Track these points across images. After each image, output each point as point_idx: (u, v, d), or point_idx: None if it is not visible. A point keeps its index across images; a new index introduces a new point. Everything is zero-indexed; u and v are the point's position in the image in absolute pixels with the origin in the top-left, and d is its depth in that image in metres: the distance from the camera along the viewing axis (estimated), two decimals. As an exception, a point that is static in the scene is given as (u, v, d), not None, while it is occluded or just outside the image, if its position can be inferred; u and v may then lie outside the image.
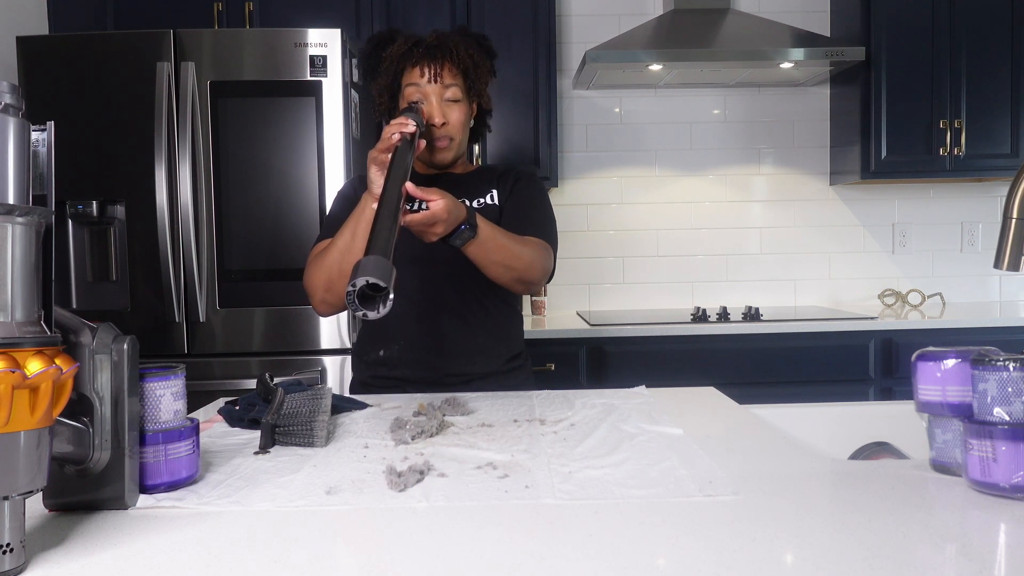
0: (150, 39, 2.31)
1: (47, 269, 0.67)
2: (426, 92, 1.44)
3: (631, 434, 1.04)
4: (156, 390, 0.81)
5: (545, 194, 1.58)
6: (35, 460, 0.62)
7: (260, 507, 0.77)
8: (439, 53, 1.44)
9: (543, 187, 1.60)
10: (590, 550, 0.65)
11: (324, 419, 1.02)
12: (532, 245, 1.46)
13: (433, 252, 1.45)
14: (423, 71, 1.43)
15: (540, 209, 1.55)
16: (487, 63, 1.51)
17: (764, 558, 0.62)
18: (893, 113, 2.84)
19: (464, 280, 1.46)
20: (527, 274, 1.40)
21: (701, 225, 3.19)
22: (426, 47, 1.45)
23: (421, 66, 1.43)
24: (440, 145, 1.46)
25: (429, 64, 1.43)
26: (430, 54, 1.44)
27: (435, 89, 1.44)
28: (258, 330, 2.34)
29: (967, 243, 3.21)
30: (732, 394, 1.33)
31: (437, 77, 1.43)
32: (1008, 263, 0.97)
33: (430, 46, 1.45)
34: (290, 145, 2.32)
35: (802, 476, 0.85)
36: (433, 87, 1.43)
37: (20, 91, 0.66)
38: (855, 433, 1.18)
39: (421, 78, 1.43)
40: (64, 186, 2.23)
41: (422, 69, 1.43)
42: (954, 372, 0.82)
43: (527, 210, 1.50)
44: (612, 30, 3.08)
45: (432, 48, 1.44)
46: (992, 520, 0.70)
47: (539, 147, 2.82)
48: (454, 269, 1.45)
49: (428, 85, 1.43)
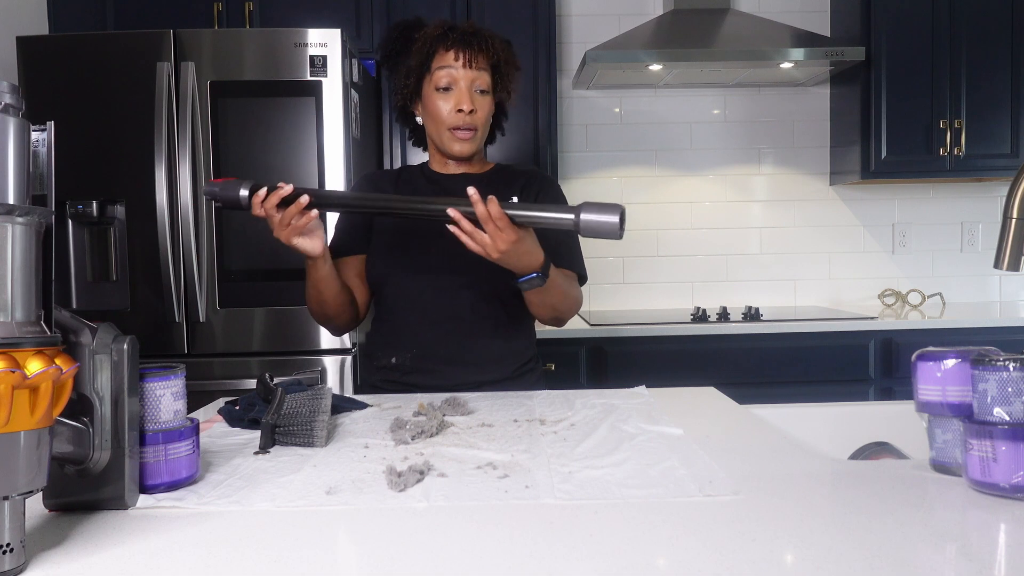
0: (150, 39, 2.31)
1: (47, 269, 0.67)
2: (456, 77, 1.41)
3: (631, 434, 1.04)
4: (156, 390, 0.81)
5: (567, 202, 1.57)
6: (35, 460, 0.62)
7: (260, 507, 0.77)
8: (475, 40, 1.41)
9: (562, 192, 1.58)
10: (590, 550, 0.65)
11: (324, 419, 1.02)
12: (573, 283, 1.47)
13: (447, 262, 1.43)
14: (458, 55, 1.40)
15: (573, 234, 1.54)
16: (514, 61, 1.48)
17: (764, 558, 0.62)
18: (893, 113, 2.84)
19: (479, 290, 1.44)
20: (566, 314, 1.44)
21: (701, 225, 3.19)
22: (461, 32, 1.42)
23: (456, 50, 1.41)
24: (463, 136, 1.43)
25: (464, 49, 1.41)
26: (465, 39, 1.41)
27: (466, 75, 1.41)
28: (258, 330, 2.34)
29: (967, 243, 3.21)
30: (732, 394, 1.33)
31: (471, 62, 1.40)
32: (1008, 263, 0.97)
33: (465, 32, 1.42)
34: (290, 145, 2.32)
35: (802, 476, 0.85)
36: (465, 72, 1.41)
37: (20, 91, 0.66)
38: (855, 433, 1.18)
39: (456, 61, 1.40)
40: (64, 186, 2.23)
41: (456, 53, 1.41)
42: (954, 372, 0.82)
43: (563, 236, 1.47)
44: (612, 30, 3.08)
45: (468, 34, 1.42)
46: (992, 520, 0.70)
47: (539, 147, 2.82)
48: (469, 279, 1.43)
49: (460, 70, 1.41)
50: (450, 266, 1.43)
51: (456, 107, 1.41)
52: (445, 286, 1.44)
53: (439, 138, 1.46)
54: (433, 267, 1.44)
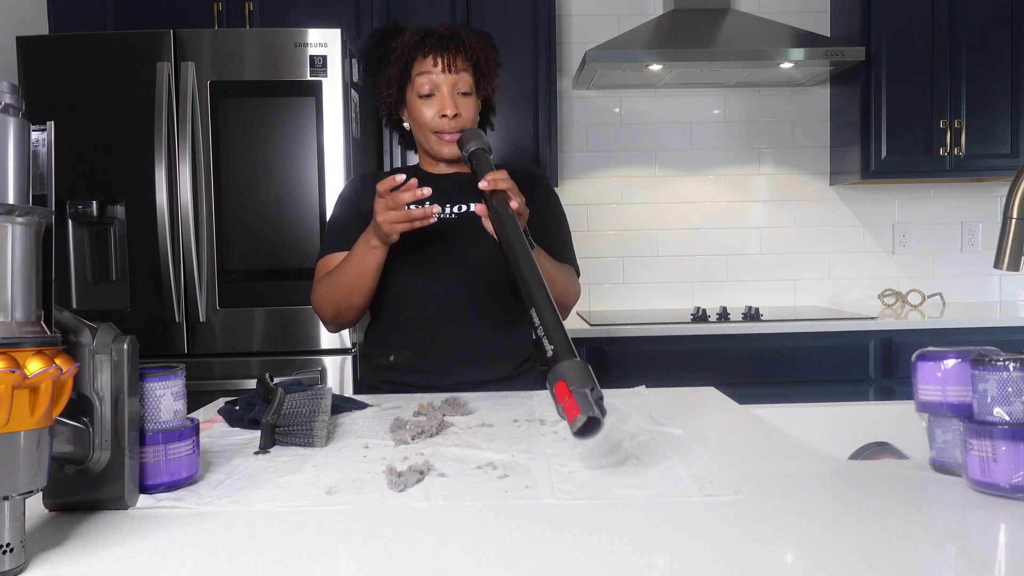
0: (150, 39, 2.31)
1: (47, 269, 0.67)
2: (437, 82, 1.42)
3: (631, 434, 1.04)
4: (156, 390, 0.81)
5: (562, 206, 1.58)
6: (35, 460, 0.62)
7: (260, 507, 0.77)
8: (451, 43, 1.42)
9: (558, 196, 1.59)
10: (590, 550, 0.65)
11: (324, 419, 1.02)
12: (571, 275, 1.48)
13: (445, 257, 1.44)
14: (436, 60, 1.41)
15: (567, 229, 1.56)
16: (495, 56, 1.49)
17: (764, 558, 0.62)
18: (893, 113, 2.84)
19: (477, 286, 1.45)
20: (566, 307, 1.45)
21: (701, 225, 3.19)
22: (438, 36, 1.43)
23: (434, 55, 1.41)
24: (449, 139, 1.44)
25: (442, 54, 1.41)
26: (443, 44, 1.42)
27: (447, 79, 1.42)
28: (258, 330, 2.34)
29: (967, 243, 3.21)
30: (732, 394, 1.33)
31: (450, 67, 1.41)
32: (1008, 263, 0.97)
33: (442, 36, 1.43)
34: (290, 145, 2.32)
35: (802, 476, 0.85)
36: (445, 77, 1.42)
37: (20, 91, 0.66)
38: (855, 433, 1.18)
39: (435, 67, 1.41)
40: (64, 186, 2.22)
41: (435, 58, 1.41)
42: (954, 372, 0.81)
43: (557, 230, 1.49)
44: (612, 30, 3.08)
45: (445, 38, 1.43)
46: (992, 520, 0.70)
47: (539, 147, 2.82)
48: (467, 275, 1.44)
49: (440, 75, 1.41)
50: (448, 264, 1.44)
51: (439, 112, 1.43)
52: (443, 284, 1.45)
53: (426, 143, 1.48)
54: (432, 265, 1.45)
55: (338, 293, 1.42)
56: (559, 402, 0.82)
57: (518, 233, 1.10)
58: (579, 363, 0.84)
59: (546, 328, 0.91)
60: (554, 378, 0.84)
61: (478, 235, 1.39)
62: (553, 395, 0.83)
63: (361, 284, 1.40)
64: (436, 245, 1.44)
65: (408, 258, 1.45)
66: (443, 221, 1.46)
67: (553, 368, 0.85)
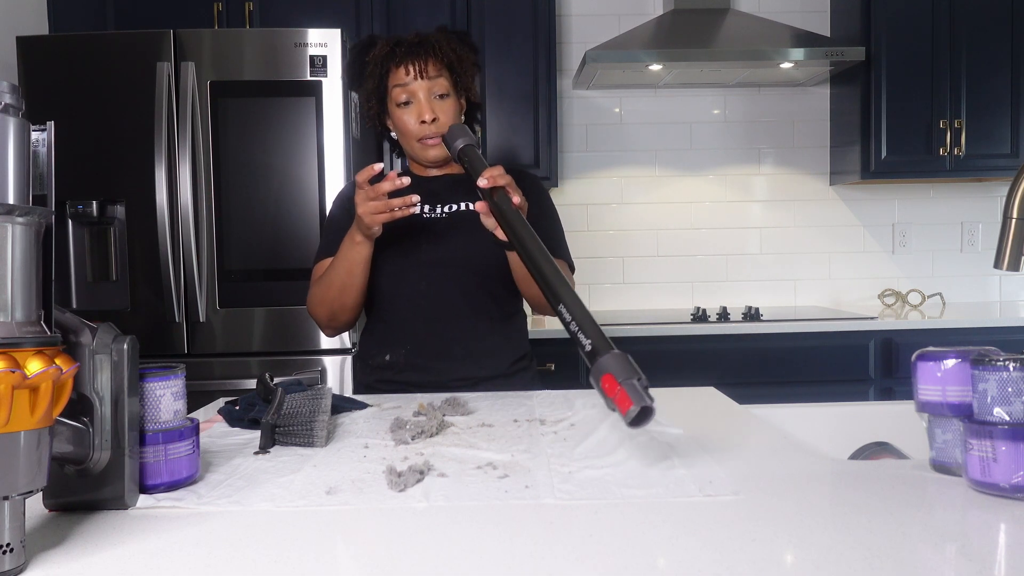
0: (150, 39, 2.31)
1: (47, 269, 0.66)
2: (413, 90, 1.43)
3: (631, 434, 1.04)
4: (156, 390, 0.81)
5: (554, 204, 1.59)
6: (35, 460, 0.62)
7: (260, 507, 0.77)
8: (421, 50, 1.43)
9: (549, 193, 1.60)
10: (590, 550, 0.65)
11: (324, 419, 1.02)
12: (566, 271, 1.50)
13: (438, 256, 1.45)
14: (408, 69, 1.43)
15: (560, 225, 1.57)
16: (470, 56, 1.50)
17: (764, 558, 0.62)
18: (893, 113, 2.84)
19: (470, 283, 1.46)
20: None
21: (701, 225, 3.19)
22: (408, 45, 1.44)
23: (405, 65, 1.43)
24: (431, 143, 1.46)
25: (413, 61, 1.43)
26: (412, 52, 1.43)
27: (422, 86, 1.43)
28: (258, 330, 2.34)
29: (967, 243, 3.21)
30: (732, 394, 1.33)
31: (423, 73, 1.42)
32: (1008, 263, 0.97)
33: (411, 44, 1.45)
34: (290, 145, 2.32)
35: (802, 476, 0.85)
36: (420, 83, 1.43)
37: (20, 91, 0.66)
38: (855, 433, 1.18)
39: (407, 76, 1.43)
40: (64, 186, 2.22)
41: (407, 68, 1.43)
42: (954, 372, 0.81)
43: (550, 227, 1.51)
44: (612, 30, 3.08)
45: (414, 46, 1.44)
46: (992, 520, 0.70)
47: (539, 147, 2.82)
48: (460, 272, 1.45)
49: (415, 82, 1.43)
50: (441, 262, 1.46)
51: (419, 119, 1.44)
52: (437, 282, 1.46)
53: (411, 150, 1.50)
54: (424, 263, 1.46)
55: (330, 293, 1.44)
56: (608, 395, 0.82)
57: (528, 229, 1.10)
58: (620, 354, 0.85)
59: (578, 322, 0.91)
60: (599, 372, 0.84)
61: (470, 233, 1.40)
62: (600, 390, 0.83)
63: (350, 282, 1.41)
64: (429, 244, 1.46)
65: (401, 258, 1.46)
66: (435, 220, 1.48)
67: (595, 363, 0.85)
